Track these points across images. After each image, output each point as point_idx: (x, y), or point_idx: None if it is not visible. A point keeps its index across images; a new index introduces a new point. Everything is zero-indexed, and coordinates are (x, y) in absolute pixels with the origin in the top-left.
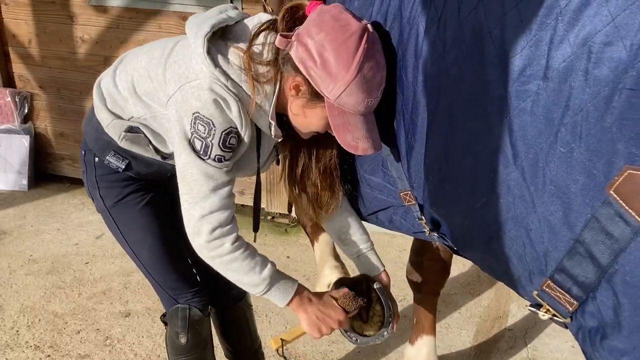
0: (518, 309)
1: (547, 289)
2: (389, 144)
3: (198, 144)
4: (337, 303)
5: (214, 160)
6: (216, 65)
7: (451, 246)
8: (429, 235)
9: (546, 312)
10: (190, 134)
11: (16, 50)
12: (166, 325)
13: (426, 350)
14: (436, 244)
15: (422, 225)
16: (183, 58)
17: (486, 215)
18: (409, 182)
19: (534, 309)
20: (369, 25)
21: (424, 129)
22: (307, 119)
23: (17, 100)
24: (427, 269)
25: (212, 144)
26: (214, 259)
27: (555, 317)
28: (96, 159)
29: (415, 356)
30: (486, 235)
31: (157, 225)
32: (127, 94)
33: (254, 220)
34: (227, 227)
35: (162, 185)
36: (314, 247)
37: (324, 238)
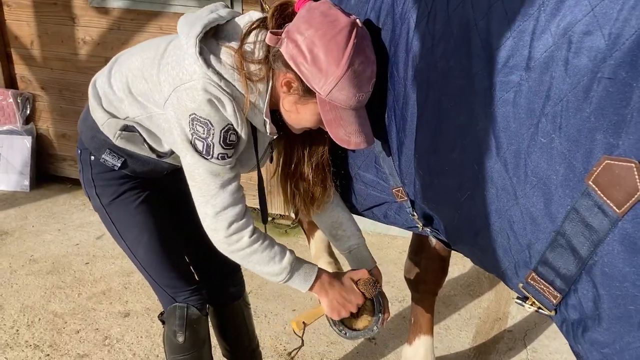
0: (518, 311)
1: (531, 282)
2: (380, 140)
3: (200, 145)
4: (357, 287)
5: (217, 158)
6: (209, 65)
7: (444, 240)
8: (422, 230)
9: (532, 304)
10: (191, 135)
11: (18, 51)
12: (164, 324)
13: (424, 351)
14: (434, 243)
15: (415, 220)
16: (176, 59)
17: (472, 208)
18: (400, 178)
19: (520, 302)
20: (358, 20)
21: (414, 124)
22: (299, 115)
23: (19, 101)
24: (425, 268)
25: (214, 144)
26: (234, 253)
27: (540, 310)
28: (92, 157)
29: (412, 356)
30: (473, 229)
31: (154, 223)
32: (123, 95)
33: (262, 213)
34: (242, 220)
35: (158, 183)
36: (309, 243)
37: (319, 234)
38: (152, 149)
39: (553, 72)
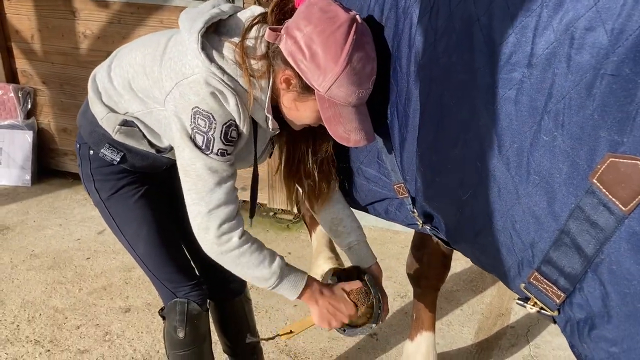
0: (520, 307)
1: (534, 281)
2: (382, 136)
3: (200, 139)
4: (349, 297)
5: (216, 154)
6: (211, 60)
7: (444, 239)
8: (422, 228)
9: (534, 305)
10: (191, 129)
11: (19, 45)
12: (164, 319)
13: (425, 346)
14: (436, 239)
15: (415, 217)
16: (178, 55)
17: (474, 207)
18: (401, 174)
19: (521, 303)
20: (358, 17)
21: (416, 120)
22: (299, 112)
23: (20, 95)
24: (427, 263)
25: (214, 138)
26: (224, 255)
27: (542, 311)
28: (91, 151)
29: (414, 352)
30: (474, 227)
31: (153, 217)
32: (123, 90)
33: (251, 206)
34: (234, 221)
35: (157, 178)
36: (311, 237)
37: (321, 229)
38: (151, 144)
39: (555, 69)
